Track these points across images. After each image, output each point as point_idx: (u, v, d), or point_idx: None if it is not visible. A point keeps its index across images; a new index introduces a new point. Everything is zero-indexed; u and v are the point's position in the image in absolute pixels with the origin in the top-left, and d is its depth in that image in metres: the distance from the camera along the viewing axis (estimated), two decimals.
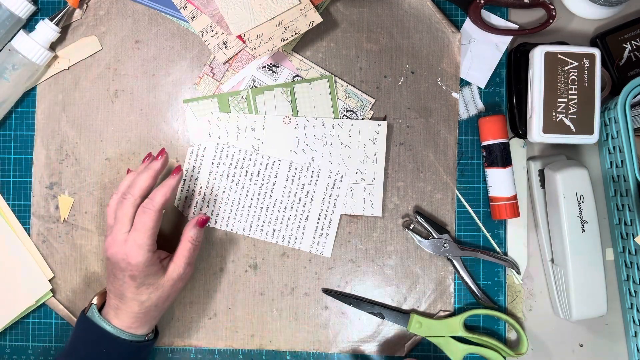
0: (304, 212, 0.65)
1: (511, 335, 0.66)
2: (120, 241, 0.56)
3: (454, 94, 0.66)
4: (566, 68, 0.60)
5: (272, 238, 0.65)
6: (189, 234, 0.60)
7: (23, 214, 0.66)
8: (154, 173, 0.59)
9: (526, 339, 0.64)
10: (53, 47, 0.65)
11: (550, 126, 0.60)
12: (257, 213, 0.65)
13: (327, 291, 0.66)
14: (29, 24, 0.67)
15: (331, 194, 0.65)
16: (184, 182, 0.66)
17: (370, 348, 0.65)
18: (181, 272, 0.59)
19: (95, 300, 0.59)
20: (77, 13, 0.66)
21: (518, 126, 0.64)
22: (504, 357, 0.64)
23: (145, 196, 0.58)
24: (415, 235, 0.65)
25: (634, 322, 0.63)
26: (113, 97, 0.66)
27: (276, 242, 0.65)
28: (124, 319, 0.58)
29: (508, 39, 0.66)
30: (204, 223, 0.60)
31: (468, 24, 0.66)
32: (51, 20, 0.63)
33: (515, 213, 0.63)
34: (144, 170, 0.59)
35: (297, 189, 0.65)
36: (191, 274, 0.61)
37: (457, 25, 0.66)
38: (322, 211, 0.65)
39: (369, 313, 0.65)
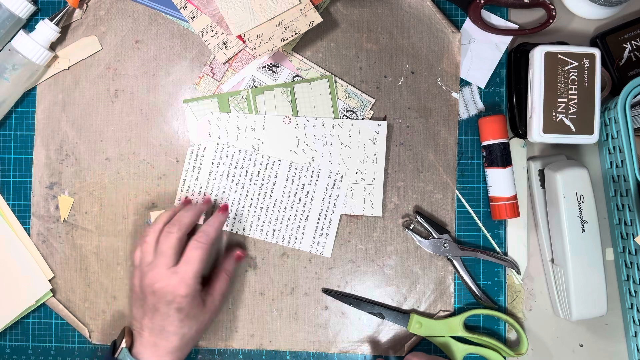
0: (304, 212, 0.65)
1: (511, 335, 0.66)
2: (167, 274, 0.56)
3: (454, 94, 0.66)
4: (566, 68, 0.60)
5: (272, 238, 0.65)
6: (228, 267, 0.62)
7: (23, 214, 0.66)
8: (199, 212, 0.61)
9: (526, 338, 0.64)
10: (53, 47, 0.65)
11: (550, 126, 0.60)
12: (257, 213, 0.65)
13: (327, 291, 0.66)
14: (29, 24, 0.67)
15: (331, 194, 0.65)
16: (184, 182, 0.66)
17: (370, 348, 0.65)
18: (217, 304, 0.60)
19: (124, 343, 0.57)
20: (77, 13, 0.66)
21: (518, 126, 0.64)
22: (504, 357, 0.64)
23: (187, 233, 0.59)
24: (415, 235, 0.65)
25: (634, 322, 0.63)
26: (113, 97, 0.66)
27: (276, 242, 0.65)
28: (161, 356, 0.56)
29: (508, 39, 0.66)
30: (240, 259, 0.63)
31: (468, 24, 0.66)
32: (51, 20, 0.63)
33: (515, 213, 0.63)
34: (189, 208, 0.60)
35: (297, 189, 0.65)
36: (222, 306, 0.63)
37: (457, 25, 0.66)
38: (322, 211, 0.65)
39: (369, 313, 0.65)
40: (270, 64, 0.65)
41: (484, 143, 0.64)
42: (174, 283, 0.56)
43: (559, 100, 0.60)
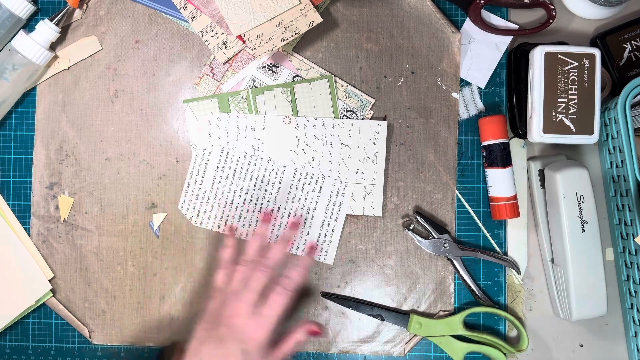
0: (307, 218, 0.65)
1: (511, 333, 0.66)
2: (249, 312, 0.54)
3: (454, 94, 0.66)
4: (566, 68, 0.60)
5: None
6: (299, 338, 0.57)
7: (23, 214, 0.66)
8: (289, 245, 0.59)
9: (526, 334, 0.64)
10: (53, 47, 0.65)
11: (550, 126, 0.60)
12: (261, 219, 0.65)
13: (325, 295, 0.65)
14: (29, 24, 0.67)
15: (335, 202, 0.65)
16: (188, 185, 0.65)
17: (370, 348, 0.65)
18: None
19: None
20: (77, 13, 0.66)
21: (518, 126, 0.64)
22: (505, 354, 0.64)
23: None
24: (415, 235, 0.65)
25: (634, 322, 0.63)
26: (113, 97, 0.66)
27: None
28: None
29: (508, 39, 0.66)
30: (314, 335, 0.57)
31: (468, 24, 0.66)
32: (51, 20, 0.63)
33: (515, 213, 0.63)
34: (281, 241, 0.59)
35: (301, 195, 0.65)
36: None
37: (457, 25, 0.66)
38: (326, 218, 0.65)
39: (369, 315, 0.65)
40: (270, 64, 0.65)
41: (484, 143, 0.64)
42: (253, 325, 0.54)
43: (559, 100, 0.60)
